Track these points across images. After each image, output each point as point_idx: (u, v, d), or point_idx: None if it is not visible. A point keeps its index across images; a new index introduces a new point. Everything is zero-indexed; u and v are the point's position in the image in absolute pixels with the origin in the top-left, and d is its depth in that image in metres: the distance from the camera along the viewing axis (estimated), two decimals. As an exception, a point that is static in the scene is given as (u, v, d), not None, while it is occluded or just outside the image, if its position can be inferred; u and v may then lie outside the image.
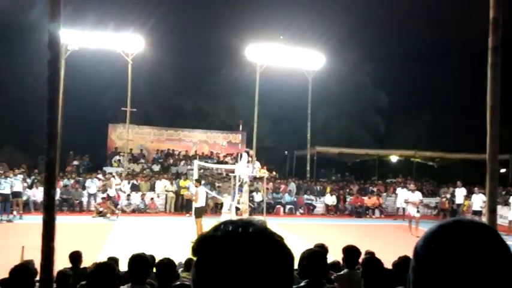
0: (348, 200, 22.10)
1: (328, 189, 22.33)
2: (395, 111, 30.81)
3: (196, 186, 13.23)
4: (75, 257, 5.76)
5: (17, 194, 16.49)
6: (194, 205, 13.21)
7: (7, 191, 16.00)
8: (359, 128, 31.17)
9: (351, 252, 4.32)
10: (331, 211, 21.44)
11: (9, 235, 12.61)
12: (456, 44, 28.25)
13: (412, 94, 29.53)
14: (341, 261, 5.32)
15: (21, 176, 17.88)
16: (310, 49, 24.47)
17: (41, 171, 20.67)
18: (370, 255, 4.54)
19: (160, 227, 15.54)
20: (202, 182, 16.09)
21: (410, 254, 0.87)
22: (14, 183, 16.49)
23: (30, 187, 18.77)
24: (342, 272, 4.31)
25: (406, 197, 15.88)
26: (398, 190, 21.00)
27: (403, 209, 20.21)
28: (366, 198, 21.76)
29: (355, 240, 5.83)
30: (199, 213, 12.66)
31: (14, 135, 27.17)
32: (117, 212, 17.79)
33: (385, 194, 22.77)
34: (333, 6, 27.66)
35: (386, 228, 17.64)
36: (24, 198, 17.73)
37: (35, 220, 14.62)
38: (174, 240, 12.75)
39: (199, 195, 12.67)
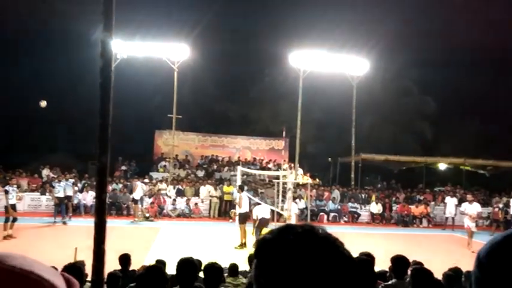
0: (394, 208, 21.55)
1: (373, 197, 21.87)
2: (443, 118, 29.81)
3: (239, 192, 13.37)
4: (125, 259, 5.92)
5: (68, 198, 17.19)
6: (238, 211, 13.34)
7: (61, 194, 16.70)
8: (405, 134, 30.34)
9: (399, 262, 4.20)
10: (376, 220, 20.97)
11: (63, 236, 13.17)
12: (507, 50, 27.07)
13: (461, 100, 28.48)
14: (388, 271, 5.18)
15: (72, 180, 18.62)
16: (355, 55, 24.15)
17: (90, 176, 21.51)
18: (419, 265, 4.39)
19: (204, 232, 15.74)
20: (245, 188, 16.22)
21: (461, 266, 0.84)
22: (66, 187, 17.20)
23: (80, 191, 19.52)
24: (390, 282, 4.20)
25: (463, 209, 14.35)
26: (448, 199, 20.33)
27: (452, 218, 19.57)
28: (413, 207, 21.13)
29: (401, 250, 5.67)
30: (243, 219, 12.77)
31: (66, 142, 28.47)
32: (147, 216, 18.20)
33: (433, 202, 22.00)
34: (377, 12, 27.24)
35: (434, 238, 17.05)
36: (75, 201, 18.47)
37: (85, 223, 15.23)
38: (217, 245, 12.89)
39: (243, 201, 12.81)
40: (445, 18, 27.65)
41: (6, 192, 13.30)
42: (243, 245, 12.78)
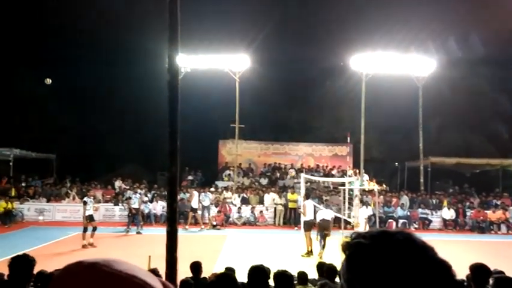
0: (468, 214, 20.40)
1: (445, 203, 20.88)
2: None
3: (304, 200, 13.34)
4: (196, 266, 6.06)
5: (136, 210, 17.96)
6: (303, 218, 13.30)
7: (137, 205, 17.48)
8: (478, 136, 28.67)
9: (480, 270, 3.97)
10: (449, 226, 19.97)
11: (136, 245, 13.77)
12: None
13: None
14: (466, 280, 4.92)
15: (140, 191, 19.36)
16: (420, 54, 23.30)
17: (159, 186, 22.37)
18: (502, 274, 4.11)
19: (270, 240, 15.79)
20: (311, 196, 16.11)
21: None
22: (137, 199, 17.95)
23: (150, 201, 20.32)
24: (470, 292, 3.98)
25: None
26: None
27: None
28: (489, 212, 19.90)
29: (478, 258, 5.34)
30: (308, 226, 12.71)
31: (134, 154, 29.83)
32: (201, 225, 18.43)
33: (512, 207, 20.59)
34: (444, 7, 26.10)
35: (515, 246, 15.92)
36: (146, 211, 19.24)
37: (156, 232, 15.83)
38: (284, 252, 12.88)
39: (307, 209, 12.77)
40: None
41: (85, 203, 14.14)
42: (309, 253, 12.69)
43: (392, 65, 22.87)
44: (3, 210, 17.93)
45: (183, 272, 6.16)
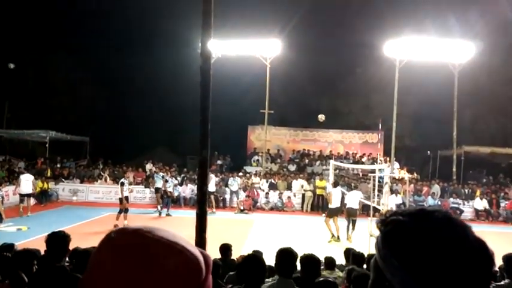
0: (502, 204, 19.86)
1: (478, 193, 20.38)
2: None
3: (332, 188, 13.40)
4: (225, 248, 6.16)
5: (157, 190, 18.42)
6: (329, 205, 13.37)
7: (171, 189, 17.99)
8: (515, 125, 27.70)
9: (513, 261, 3.89)
10: (481, 217, 19.51)
11: (167, 226, 13.89)
12: None
13: None
14: (498, 271, 4.83)
15: (162, 174, 19.76)
16: (457, 40, 22.56)
17: (189, 170, 22.69)
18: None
19: (297, 225, 15.84)
20: (340, 183, 16.07)
21: None
22: (158, 180, 18.40)
23: (180, 184, 20.65)
24: (502, 282, 3.91)
25: None
26: None
27: None
28: (525, 203, 19.32)
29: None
30: (331, 213, 12.98)
31: (164, 138, 30.32)
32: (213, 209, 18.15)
33: (549, 199, 19.90)
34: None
35: (551, 239, 15.40)
36: (176, 194, 19.61)
37: (185, 214, 16.12)
38: (311, 238, 12.92)
39: (333, 197, 12.86)
40: None
41: (122, 184, 14.48)
42: (336, 238, 12.72)
43: (428, 51, 22.28)
44: (39, 190, 18.60)
45: (212, 254, 6.28)
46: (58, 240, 3.60)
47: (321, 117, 18.76)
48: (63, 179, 21.27)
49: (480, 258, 0.77)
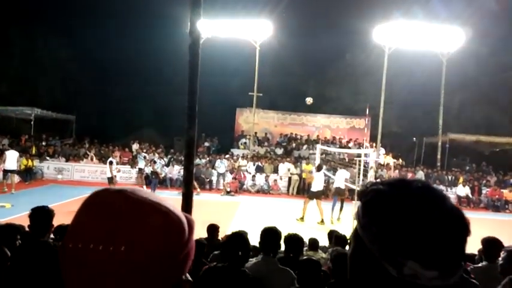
0: (483, 192, 20.26)
1: (460, 180, 20.74)
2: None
3: (315, 171, 13.57)
4: (213, 229, 6.20)
5: (140, 170, 18.47)
6: (311, 188, 13.55)
7: (142, 165, 18.01)
8: (500, 114, 28.03)
9: (491, 244, 3.99)
10: (463, 203, 19.89)
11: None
12: None
13: None
14: (477, 254, 4.96)
15: (144, 154, 19.75)
16: (447, 27, 22.63)
17: (176, 151, 22.63)
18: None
19: (283, 208, 15.97)
20: (324, 167, 16.27)
21: None
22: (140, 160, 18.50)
23: (167, 165, 20.61)
24: (480, 265, 4.01)
25: None
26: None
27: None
28: (505, 191, 19.72)
29: (491, 235, 5.34)
30: (312, 196, 13.17)
31: (151, 119, 30.10)
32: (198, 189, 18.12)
33: (529, 187, 20.34)
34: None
35: (530, 226, 15.80)
36: (162, 175, 19.60)
37: (171, 195, 16.13)
38: (296, 220, 13.06)
39: (316, 180, 13.04)
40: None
41: (111, 163, 14.41)
42: (320, 221, 12.87)
43: (417, 38, 22.34)
44: (24, 168, 18.40)
45: (197, 235, 6.32)
46: (42, 214, 3.59)
47: (309, 100, 18.79)
48: (48, 157, 21.06)
49: (456, 225, 0.79)
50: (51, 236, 4.36)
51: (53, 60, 28.46)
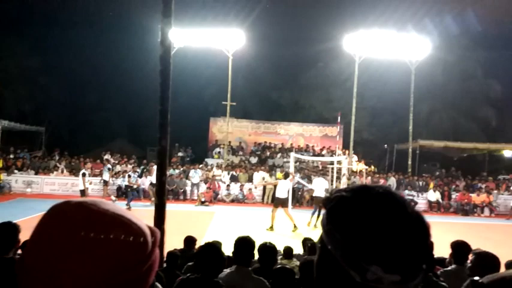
0: (453, 196, 20.76)
1: (431, 185, 21.18)
2: (509, 102, 28.12)
3: (281, 178, 13.64)
4: (189, 241, 6.14)
5: (105, 182, 18.10)
6: (276, 195, 13.58)
7: (106, 177, 17.71)
8: (467, 120, 28.95)
9: (460, 247, 4.09)
10: (434, 208, 20.32)
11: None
12: None
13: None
14: (447, 258, 5.06)
15: (109, 166, 19.42)
16: (415, 36, 23.25)
17: (149, 161, 22.34)
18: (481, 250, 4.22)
19: (258, 217, 15.93)
20: (298, 175, 16.38)
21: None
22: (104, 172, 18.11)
23: (140, 176, 20.30)
24: (449, 268, 4.10)
25: None
26: (514, 188, 19.38)
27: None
28: (473, 195, 20.26)
29: (461, 239, 5.47)
30: (277, 203, 13.18)
31: (124, 129, 29.70)
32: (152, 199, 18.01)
33: (496, 191, 20.96)
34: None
35: (497, 228, 16.28)
36: (135, 186, 19.27)
37: (145, 207, 15.90)
38: (265, 230, 13.06)
39: (280, 187, 13.10)
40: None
41: (84, 175, 14.09)
42: (293, 228, 12.87)
43: (386, 47, 22.84)
44: (-10, 181, 17.83)
45: (171, 246, 6.23)
46: (5, 230, 3.48)
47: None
48: (16, 170, 20.46)
49: (417, 229, 0.81)
50: (19, 251, 4.23)
51: (21, 71, 27.76)
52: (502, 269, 3.60)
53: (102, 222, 0.69)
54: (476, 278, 1.25)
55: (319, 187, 13.50)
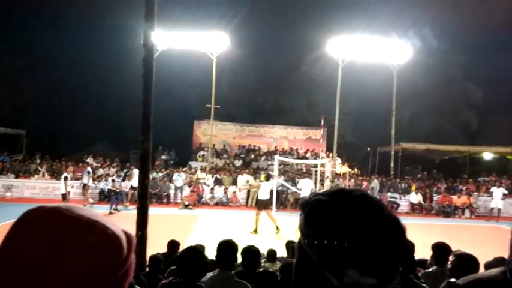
0: (435, 198, 21.06)
1: (413, 187, 21.44)
2: (489, 106, 28.68)
3: (263, 180, 13.67)
4: (173, 245, 6.10)
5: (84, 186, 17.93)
6: (258, 197, 13.62)
7: (85, 180, 17.45)
8: (448, 123, 29.43)
9: (440, 249, 4.14)
10: (416, 210, 20.56)
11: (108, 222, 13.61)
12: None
13: (509, 87, 27.29)
14: (428, 259, 5.13)
15: (88, 169, 19.18)
16: (396, 41, 23.59)
17: (132, 164, 22.12)
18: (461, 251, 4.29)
19: (242, 220, 15.91)
20: (282, 178, 16.38)
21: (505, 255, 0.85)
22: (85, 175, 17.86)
23: (122, 179, 20.08)
24: (430, 269, 4.15)
25: None
26: (494, 189, 19.74)
27: (498, 209, 19.08)
28: (454, 197, 20.58)
29: (442, 240, 5.54)
30: (260, 206, 13.28)
31: (106, 132, 29.35)
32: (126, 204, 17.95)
33: (476, 193, 21.32)
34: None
35: (477, 229, 16.55)
36: (118, 190, 19.06)
37: (127, 210, 15.74)
38: (249, 233, 13.06)
39: (262, 189, 13.21)
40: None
41: (66, 178, 13.88)
42: (256, 231, 12.86)
43: (369, 51, 23.10)
44: (-31, 186, 17.45)
45: (154, 250, 6.18)
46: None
47: None
48: (-5, 174, 20.09)
49: (393, 232, 0.82)
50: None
51: (0, 72, 27.26)
52: (482, 270, 3.66)
53: (76, 227, 0.68)
54: (453, 279, 1.27)
55: (306, 188, 13.54)
